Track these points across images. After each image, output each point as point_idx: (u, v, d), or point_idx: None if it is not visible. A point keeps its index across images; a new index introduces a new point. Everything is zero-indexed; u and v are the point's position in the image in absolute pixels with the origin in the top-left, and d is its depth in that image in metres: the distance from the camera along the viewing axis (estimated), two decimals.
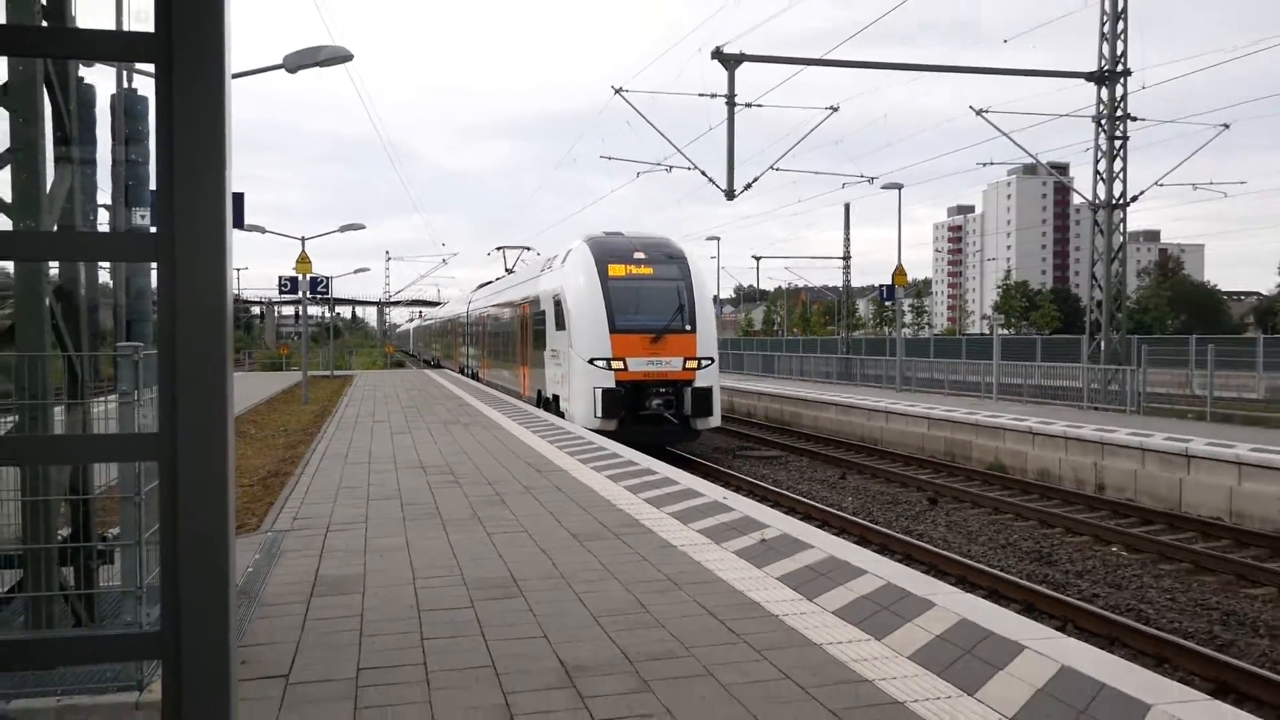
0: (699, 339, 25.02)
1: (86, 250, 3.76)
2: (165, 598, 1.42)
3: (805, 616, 7.28)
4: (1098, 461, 20.58)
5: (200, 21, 1.44)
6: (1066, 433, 21.73)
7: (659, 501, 12.18)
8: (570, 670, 6.20)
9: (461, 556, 9.39)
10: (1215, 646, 10.51)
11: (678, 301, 25.37)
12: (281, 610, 7.65)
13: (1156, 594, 12.86)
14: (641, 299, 25.38)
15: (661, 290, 25.67)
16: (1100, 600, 12.36)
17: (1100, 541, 16.02)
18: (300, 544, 10.08)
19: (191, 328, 1.40)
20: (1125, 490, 19.60)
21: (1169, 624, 11.41)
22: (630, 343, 24.31)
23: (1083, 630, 10.78)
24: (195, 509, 1.40)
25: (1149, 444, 19.50)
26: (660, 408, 24.24)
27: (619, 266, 25.49)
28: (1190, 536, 16.05)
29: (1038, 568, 14.27)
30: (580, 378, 24.43)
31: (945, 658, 6.30)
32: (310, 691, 5.88)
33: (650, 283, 25.76)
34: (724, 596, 7.86)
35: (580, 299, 25.14)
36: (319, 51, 17.54)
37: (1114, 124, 29.30)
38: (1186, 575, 13.90)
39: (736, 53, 28.48)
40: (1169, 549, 15.07)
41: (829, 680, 5.97)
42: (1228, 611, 11.98)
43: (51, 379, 6.18)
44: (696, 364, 24.82)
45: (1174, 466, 18.77)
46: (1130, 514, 17.95)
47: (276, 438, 22.13)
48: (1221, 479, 17.68)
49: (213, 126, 1.43)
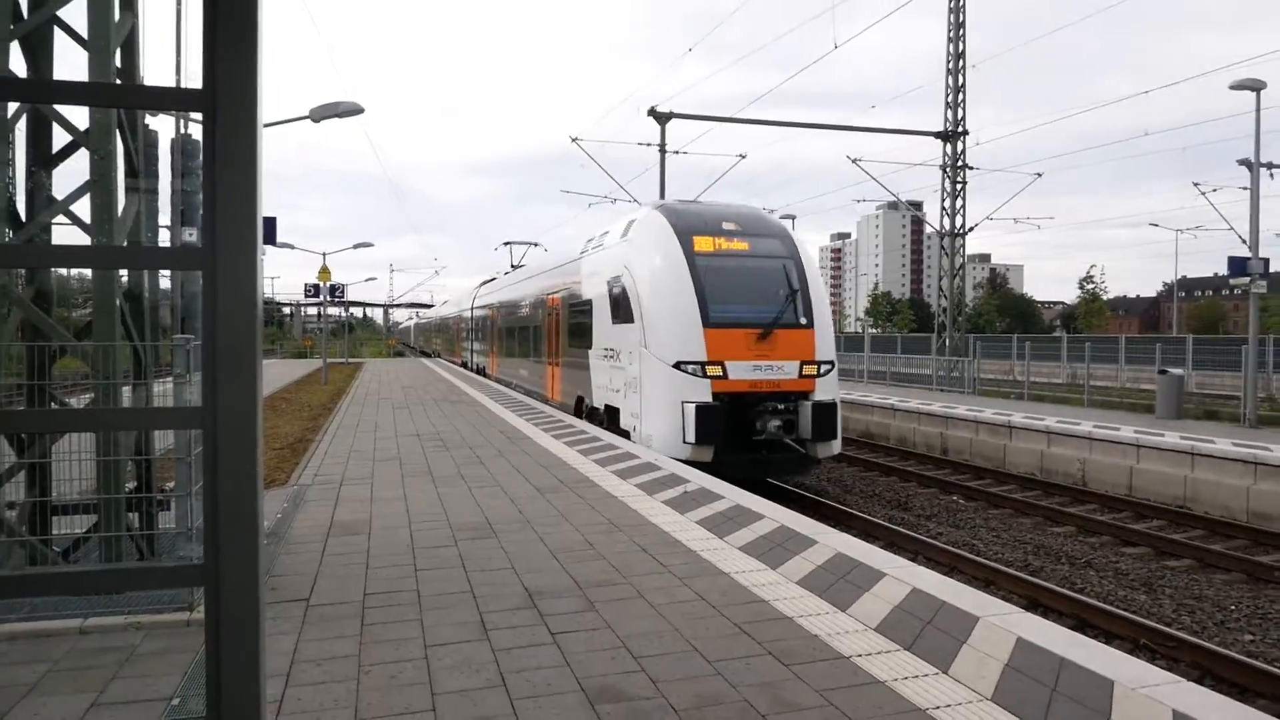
0: (818, 337, 15.20)
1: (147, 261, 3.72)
2: (207, 537, 1.42)
3: (716, 551, 7.33)
4: (943, 431, 20.88)
5: (239, 80, 1.43)
6: (919, 409, 22.02)
7: (626, 474, 12.17)
8: (532, 594, 6.19)
9: (448, 505, 9.33)
10: (1029, 571, 10.74)
11: (788, 286, 15.47)
12: (304, 548, 7.56)
13: (985, 532, 13.12)
14: (741, 283, 15.40)
15: (766, 271, 15.71)
16: (943, 537, 12.56)
17: (944, 492, 16.28)
18: (319, 495, 9.95)
19: (228, 323, 1.39)
20: (963, 453, 19.90)
21: (995, 555, 11.63)
22: (730, 341, 14.62)
23: (931, 560, 10.96)
24: (230, 467, 1.39)
25: (981, 417, 19.82)
26: (779, 430, 14.47)
27: (706, 240, 15.52)
28: (1011, 488, 16.36)
29: (897, 513, 14.47)
30: (660, 388, 14.66)
31: (824, 583, 6.37)
32: (326, 612, 5.82)
33: (750, 262, 15.74)
34: (653, 536, 7.88)
35: (658, 282, 15.26)
36: (337, 106, 17.28)
37: (956, 172, 29.90)
38: (1008, 518, 14.20)
39: (667, 111, 28.55)
40: (995, 498, 15.38)
41: (735, 600, 6.02)
42: (1039, 545, 12.25)
43: (121, 364, 6.19)
44: (816, 369, 15.00)
45: (1000, 434, 19.12)
46: (966, 471, 18.26)
47: (302, 411, 21.78)
48: (1034, 444, 18.04)
49: (247, 164, 1.42)
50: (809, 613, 5.72)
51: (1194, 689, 4.46)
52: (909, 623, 5.49)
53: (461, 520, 8.58)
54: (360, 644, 5.22)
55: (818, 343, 15.10)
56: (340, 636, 5.35)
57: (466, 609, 5.87)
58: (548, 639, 5.29)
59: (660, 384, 14.59)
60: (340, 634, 5.39)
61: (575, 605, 5.94)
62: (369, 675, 4.74)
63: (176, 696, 4.47)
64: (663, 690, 4.52)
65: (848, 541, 7.64)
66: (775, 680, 4.64)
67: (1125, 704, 4.26)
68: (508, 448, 13.79)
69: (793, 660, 4.91)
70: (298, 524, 8.49)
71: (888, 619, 5.58)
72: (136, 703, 4.41)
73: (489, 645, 5.18)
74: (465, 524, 8.42)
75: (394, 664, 4.90)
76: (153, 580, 2.17)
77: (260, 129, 1.46)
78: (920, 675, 4.68)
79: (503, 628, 5.50)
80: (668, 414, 14.30)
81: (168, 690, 4.54)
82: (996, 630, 5.31)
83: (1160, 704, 4.23)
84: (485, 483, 10.69)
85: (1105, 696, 4.34)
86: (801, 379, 14.81)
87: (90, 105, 6.10)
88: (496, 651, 5.08)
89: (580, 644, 5.20)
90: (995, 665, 4.78)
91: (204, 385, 1.42)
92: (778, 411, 14.54)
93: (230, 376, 1.40)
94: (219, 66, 1.42)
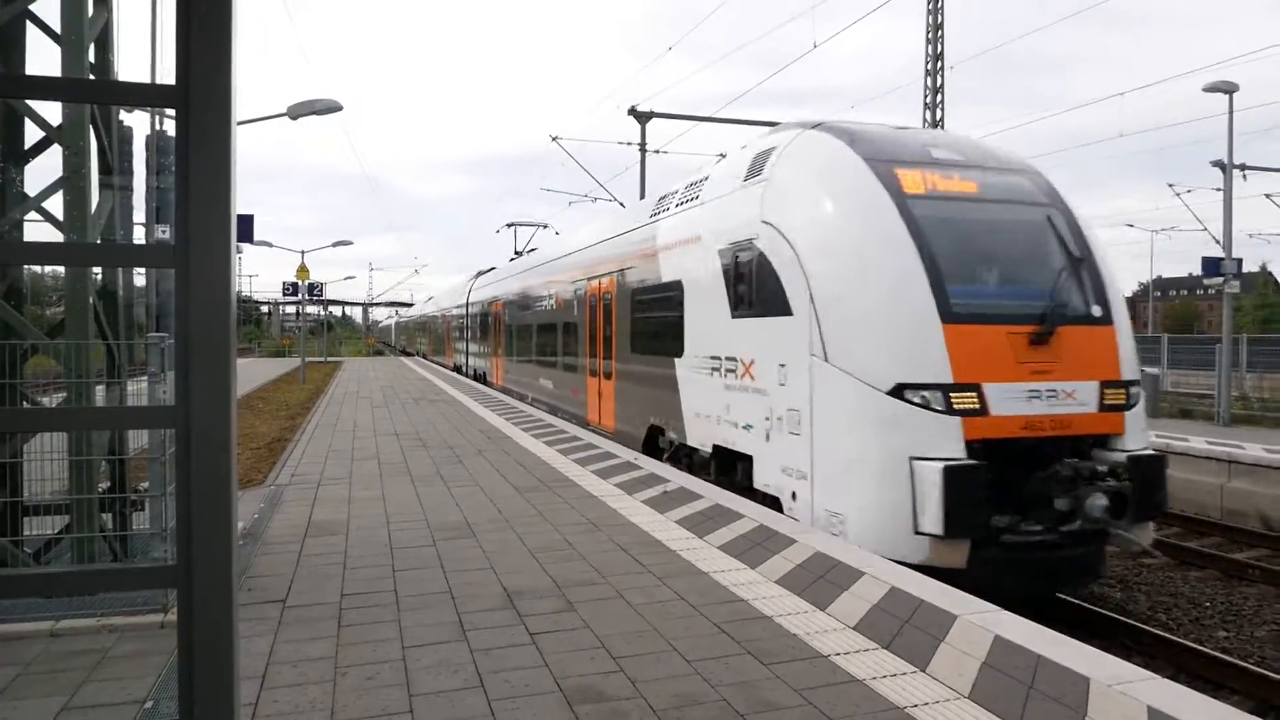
0: (1120, 340, 9.07)
1: (119, 258, 3.69)
2: (179, 538, 1.41)
3: (696, 551, 7.33)
4: None
5: (212, 76, 1.42)
6: None
7: (594, 468, 12.16)
8: (511, 594, 6.18)
9: (426, 505, 9.29)
10: None
11: (1064, 252, 9.25)
12: (281, 549, 7.50)
13: None
14: (989, 247, 9.09)
15: (1024, 228, 9.39)
16: None
17: None
18: (297, 495, 9.88)
19: (201, 321, 1.38)
20: None
21: None
22: (988, 347, 8.38)
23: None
24: (204, 467, 1.38)
25: None
26: (1105, 514, 8.01)
27: (916, 177, 9.17)
28: None
29: None
30: (859, 430, 8.38)
31: (804, 582, 6.39)
32: (303, 613, 5.78)
33: (998, 211, 9.36)
34: (633, 535, 7.88)
35: (845, 246, 8.91)
36: (315, 103, 17.15)
37: None
38: None
39: (647, 110, 28.53)
40: None
41: (714, 600, 6.03)
42: None
43: (94, 362, 6.16)
44: (1124, 395, 8.84)
45: None
46: None
47: (279, 411, 21.62)
48: None
49: (220, 160, 1.41)
50: (788, 611, 5.74)
51: (1169, 685, 4.51)
52: (887, 621, 5.52)
53: (440, 520, 8.54)
54: (337, 645, 5.18)
55: (1121, 350, 9.03)
56: (317, 638, 5.31)
57: (445, 609, 5.84)
58: (526, 639, 5.28)
59: (858, 423, 8.41)
60: (317, 635, 5.35)
61: (554, 605, 5.92)
62: (346, 677, 4.71)
63: (149, 700, 4.42)
64: (641, 690, 4.52)
65: (827, 541, 7.65)
66: (754, 679, 4.65)
67: (1101, 700, 4.29)
68: (487, 447, 13.74)
69: (772, 659, 4.92)
70: (274, 524, 8.43)
71: (866, 617, 5.60)
72: (109, 706, 4.37)
73: (467, 646, 5.16)
74: (444, 524, 8.38)
75: (371, 665, 4.87)
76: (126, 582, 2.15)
77: (234, 125, 1.44)
78: (898, 674, 4.71)
79: (481, 628, 5.47)
80: (879, 480, 8.15)
81: (140, 693, 4.49)
82: (974, 629, 5.34)
83: (1136, 700, 4.27)
84: (464, 482, 10.65)
85: (1081, 693, 4.38)
86: (1103, 411, 8.69)
87: (63, 100, 6.04)
88: (475, 652, 5.06)
89: (559, 644, 5.19)
90: (973, 663, 4.81)
91: (177, 384, 1.41)
92: (1092, 477, 8.28)
93: (203, 375, 1.38)
94: (192, 62, 1.41)
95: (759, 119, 30.30)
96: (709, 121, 29.37)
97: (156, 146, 10.63)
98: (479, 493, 9.96)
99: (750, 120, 29.26)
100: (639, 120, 28.61)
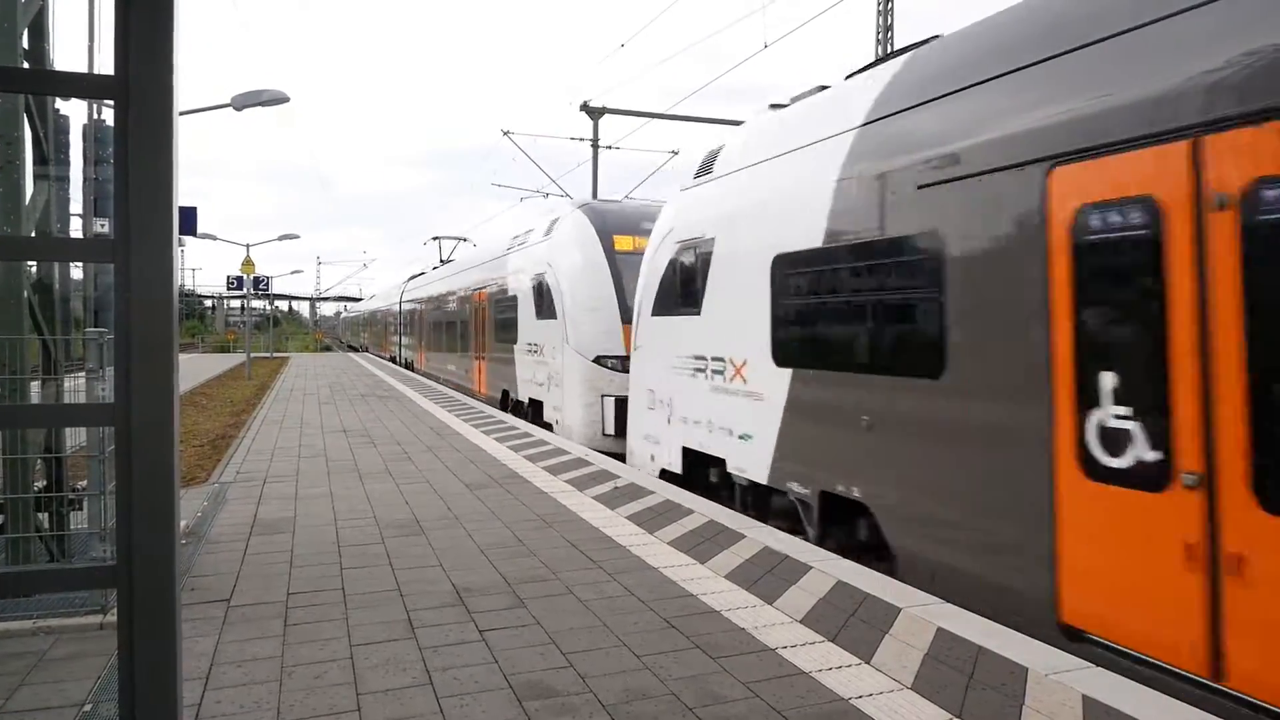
0: None
1: (55, 252, 3.60)
2: (120, 537, 1.38)
3: (646, 546, 7.35)
4: None
5: (152, 66, 1.39)
6: None
7: (535, 458, 12.13)
8: (461, 592, 6.14)
9: (374, 502, 9.20)
10: None
11: None
12: (225, 547, 7.38)
13: None
14: None
15: None
16: None
17: None
18: (242, 493, 9.72)
19: (141, 317, 1.35)
20: None
21: None
22: None
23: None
24: (144, 465, 1.36)
25: None
26: None
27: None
28: None
29: None
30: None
31: (752, 576, 6.44)
32: (248, 612, 5.70)
33: None
34: (584, 531, 7.88)
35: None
36: (261, 94, 16.83)
37: None
38: None
39: (600, 106, 28.45)
40: None
41: (664, 595, 6.05)
42: None
43: (29, 359, 5.99)
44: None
45: None
46: None
47: (224, 407, 21.23)
48: None
49: (161, 153, 1.38)
50: (737, 606, 5.78)
51: (1102, 674, 4.62)
52: (833, 615, 5.59)
53: (389, 517, 8.47)
54: (284, 644, 5.12)
55: None
56: (263, 637, 5.23)
57: (393, 607, 5.79)
58: (476, 636, 5.25)
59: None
60: (263, 634, 5.28)
61: (504, 602, 5.91)
62: (292, 676, 4.65)
63: (89, 702, 4.33)
64: (591, 685, 4.52)
65: (774, 535, 7.73)
66: (703, 673, 4.68)
67: (1038, 689, 4.39)
68: (437, 444, 13.64)
69: (720, 653, 4.95)
70: (219, 522, 8.29)
71: (813, 611, 5.66)
72: (46, 710, 4.26)
73: (416, 644, 5.13)
74: (393, 521, 8.30)
75: (318, 664, 4.82)
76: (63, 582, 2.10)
77: (175, 117, 1.42)
78: (844, 665, 4.77)
79: (430, 625, 5.44)
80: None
81: (79, 696, 4.40)
82: (917, 621, 5.43)
83: (1071, 689, 4.37)
84: (413, 479, 10.56)
85: (1020, 682, 4.48)
86: None
87: None
88: (424, 650, 5.03)
89: (509, 641, 5.17)
90: (916, 654, 4.89)
91: (116, 381, 1.38)
92: None
93: (144, 371, 1.36)
94: (131, 52, 1.38)
95: (712, 116, 30.42)
96: (660, 118, 29.42)
97: (95, 137, 10.34)
98: (428, 490, 9.88)
99: (703, 118, 29.39)
100: (591, 116, 28.52)
